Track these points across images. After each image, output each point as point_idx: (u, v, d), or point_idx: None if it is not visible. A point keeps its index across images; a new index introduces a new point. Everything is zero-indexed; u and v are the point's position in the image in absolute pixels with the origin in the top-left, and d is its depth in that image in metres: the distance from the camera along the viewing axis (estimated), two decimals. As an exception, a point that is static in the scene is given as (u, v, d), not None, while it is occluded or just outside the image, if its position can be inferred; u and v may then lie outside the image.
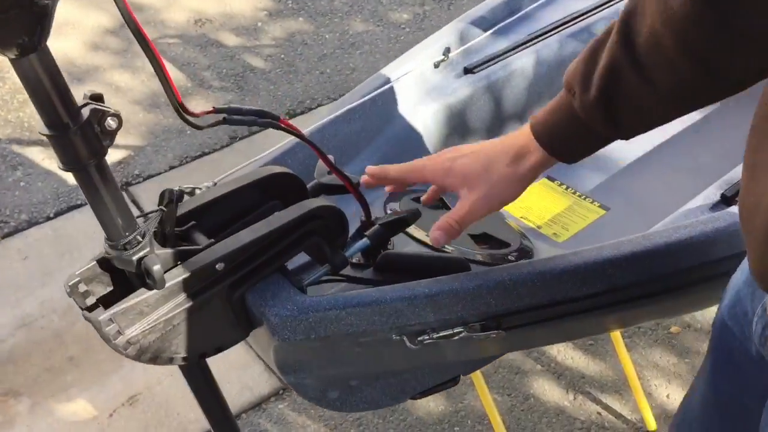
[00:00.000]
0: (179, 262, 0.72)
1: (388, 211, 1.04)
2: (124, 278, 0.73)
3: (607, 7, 1.41)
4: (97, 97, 0.62)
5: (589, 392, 1.73)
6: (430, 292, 0.78)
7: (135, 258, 0.68)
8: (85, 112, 0.60)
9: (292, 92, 2.60)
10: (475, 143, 0.81)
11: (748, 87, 0.67)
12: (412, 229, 0.94)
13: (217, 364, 0.84)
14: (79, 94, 0.61)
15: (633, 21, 0.66)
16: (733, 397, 0.79)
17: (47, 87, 0.57)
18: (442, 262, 0.90)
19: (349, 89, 2.66)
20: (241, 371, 1.78)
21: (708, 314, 1.84)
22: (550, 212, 1.17)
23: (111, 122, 0.61)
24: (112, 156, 2.36)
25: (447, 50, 1.23)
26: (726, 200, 0.96)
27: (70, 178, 1.25)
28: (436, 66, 1.23)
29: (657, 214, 1.15)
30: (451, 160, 0.79)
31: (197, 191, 0.80)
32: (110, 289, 0.74)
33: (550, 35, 1.33)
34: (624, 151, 1.28)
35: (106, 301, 0.73)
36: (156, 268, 0.67)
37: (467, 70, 1.25)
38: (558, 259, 0.83)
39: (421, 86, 1.20)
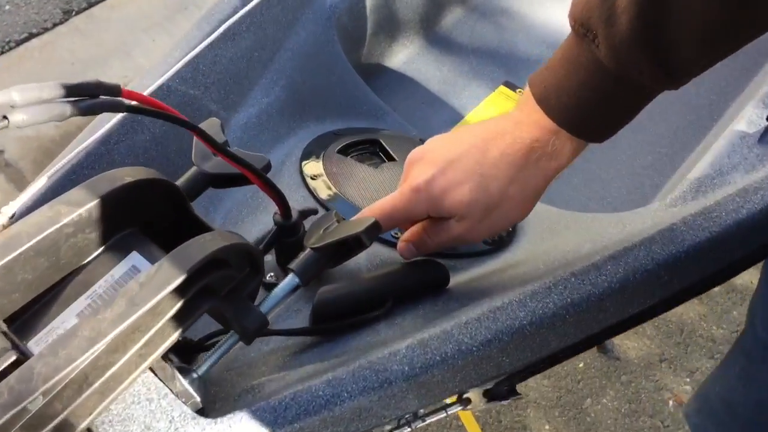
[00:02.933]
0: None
1: (307, 176, 0.70)
2: None
3: None
4: None
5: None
6: (412, 372, 0.47)
7: None
8: None
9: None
10: (459, 136, 0.56)
11: None
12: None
13: None
14: None
15: None
16: None
17: None
18: (415, 278, 0.59)
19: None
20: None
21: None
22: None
23: None
24: None
25: None
26: (779, 122, 0.68)
27: None
28: (349, -67, 0.84)
29: (633, 132, 0.87)
30: (442, 191, 0.55)
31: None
32: None
33: None
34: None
35: None
36: None
37: (391, -64, 0.87)
38: (593, 273, 0.54)
39: (330, -33, 0.82)
